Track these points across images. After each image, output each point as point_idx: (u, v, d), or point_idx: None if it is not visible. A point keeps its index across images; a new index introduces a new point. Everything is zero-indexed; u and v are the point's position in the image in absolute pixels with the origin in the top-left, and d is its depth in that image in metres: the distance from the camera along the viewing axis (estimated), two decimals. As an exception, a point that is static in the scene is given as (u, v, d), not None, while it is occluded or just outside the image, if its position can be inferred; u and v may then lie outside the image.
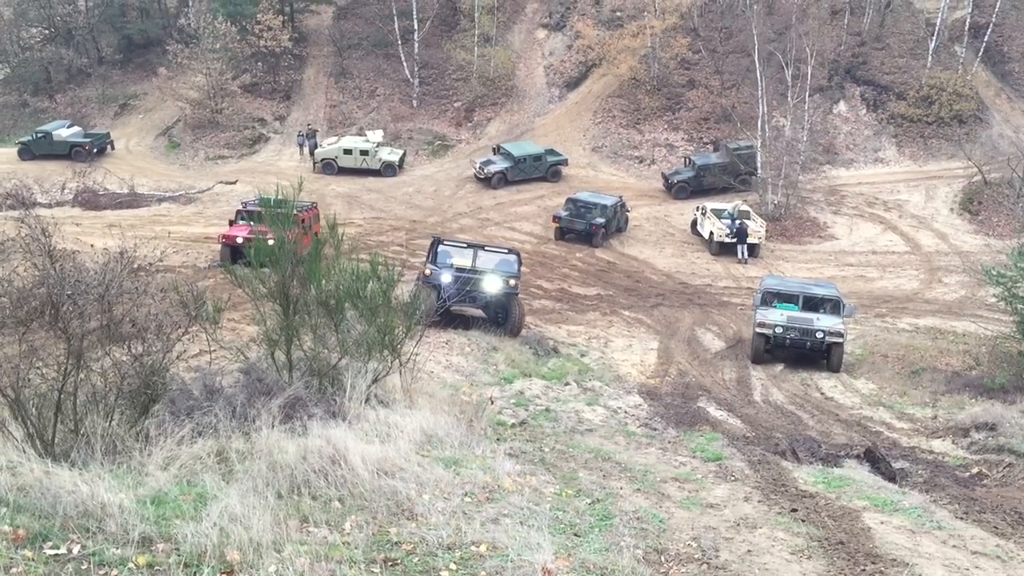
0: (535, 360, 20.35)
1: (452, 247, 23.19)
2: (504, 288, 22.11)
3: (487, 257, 22.92)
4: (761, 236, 35.70)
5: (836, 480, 8.97)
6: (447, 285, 21.36)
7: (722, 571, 6.03)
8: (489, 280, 21.94)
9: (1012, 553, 6.58)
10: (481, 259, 22.72)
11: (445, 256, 22.78)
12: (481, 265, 22.43)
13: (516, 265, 23.00)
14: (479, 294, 21.97)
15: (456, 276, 21.70)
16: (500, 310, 22.32)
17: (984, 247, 35.87)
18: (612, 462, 9.49)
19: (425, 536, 6.09)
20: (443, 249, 22.96)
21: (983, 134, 43.54)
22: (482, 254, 22.93)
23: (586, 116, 47.62)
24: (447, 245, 23.20)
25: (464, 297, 21.47)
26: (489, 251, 23.32)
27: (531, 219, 38.00)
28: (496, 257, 23.05)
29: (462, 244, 23.71)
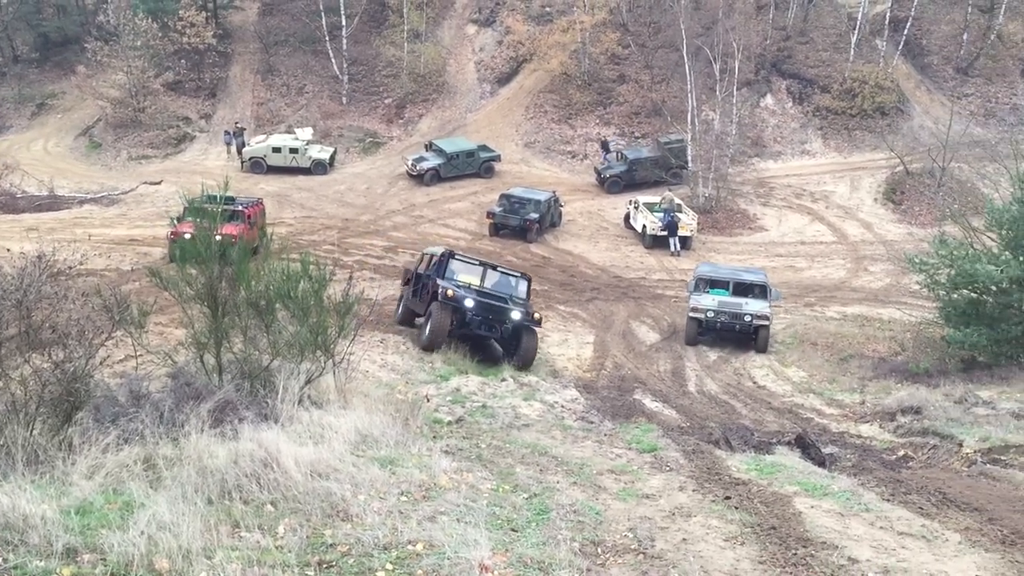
0: (471, 357, 20.28)
1: (462, 263, 21.39)
2: (526, 319, 20.33)
3: (496, 278, 21.41)
4: (693, 229, 36.20)
5: (768, 467, 9.12)
6: (471, 309, 19.85)
7: (658, 560, 6.07)
8: (514, 311, 20.23)
9: (937, 532, 6.76)
10: (490, 279, 21.22)
11: (452, 272, 20.89)
12: (489, 286, 20.95)
13: (526, 290, 21.59)
14: (501, 322, 20.25)
15: (479, 301, 19.97)
16: (513, 339, 20.44)
17: (907, 235, 36.89)
18: (549, 456, 9.49)
19: (361, 537, 6.02)
20: (455, 263, 21.13)
21: (904, 125, 44.77)
22: (491, 274, 21.41)
23: (518, 112, 47.69)
24: (459, 260, 21.38)
25: (483, 323, 20.09)
26: (500, 272, 21.83)
27: (465, 215, 37.93)
28: (505, 279, 21.58)
29: (473, 261, 21.95)
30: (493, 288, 20.92)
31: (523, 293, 21.37)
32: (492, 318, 20.05)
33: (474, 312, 19.86)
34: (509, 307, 20.17)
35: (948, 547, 6.44)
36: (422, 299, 21.09)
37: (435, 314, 19.44)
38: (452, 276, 20.72)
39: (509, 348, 20.52)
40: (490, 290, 20.76)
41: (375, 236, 34.58)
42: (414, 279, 22.18)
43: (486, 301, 20.08)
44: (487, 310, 20.04)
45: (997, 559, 6.13)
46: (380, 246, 33.27)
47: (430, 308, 19.79)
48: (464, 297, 19.79)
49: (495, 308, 20.14)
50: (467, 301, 19.76)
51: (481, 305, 19.96)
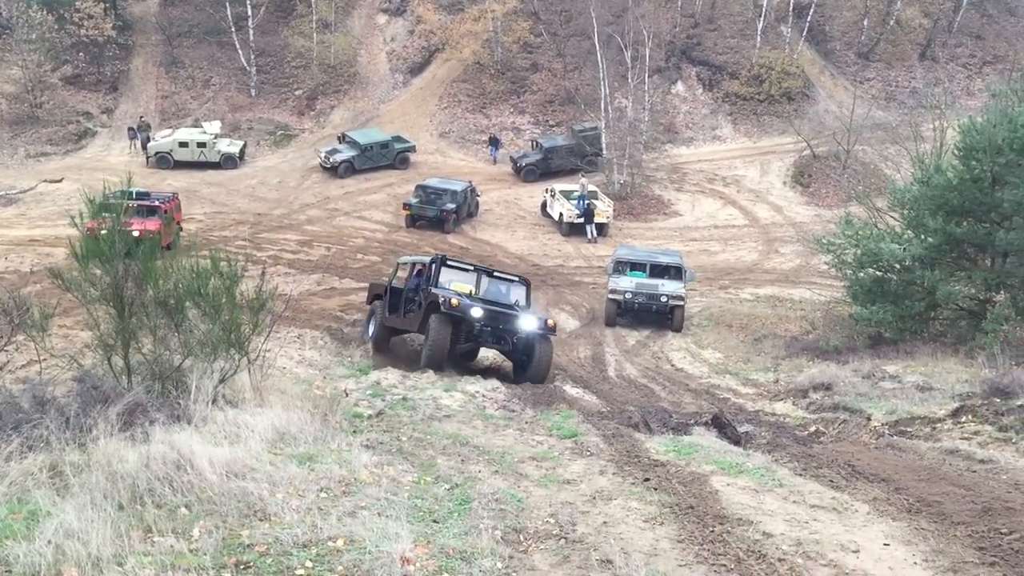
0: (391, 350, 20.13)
1: (454, 269, 18.99)
2: (541, 328, 17.91)
3: (493, 284, 19.15)
4: (609, 216, 36.59)
5: (686, 447, 9.27)
6: (479, 319, 17.32)
7: (579, 544, 6.11)
8: (526, 319, 17.84)
9: (847, 504, 6.97)
10: (486, 286, 18.92)
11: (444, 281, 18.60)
12: (486, 293, 18.62)
13: (526, 295, 19.34)
14: (511, 334, 17.85)
15: (487, 310, 17.46)
16: (525, 352, 17.98)
17: (815, 217, 37.98)
18: (470, 446, 9.48)
19: (279, 536, 5.91)
20: (446, 270, 18.77)
21: (810, 110, 46.03)
22: (487, 280, 19.10)
23: (432, 102, 47.45)
24: (451, 266, 18.98)
25: (492, 335, 17.77)
26: (497, 277, 19.55)
27: (381, 207, 37.62)
28: (503, 284, 19.37)
29: (467, 266, 19.51)
30: (491, 295, 18.67)
31: (524, 299, 19.20)
32: (502, 328, 17.68)
33: (483, 323, 17.41)
34: (520, 315, 17.88)
35: (857, 517, 6.65)
36: (409, 314, 18.87)
37: (435, 329, 16.91)
38: (444, 285, 18.40)
39: (519, 362, 18.12)
40: (491, 298, 18.44)
41: (289, 230, 34.04)
42: (389, 293, 19.96)
43: (494, 309, 17.67)
44: (496, 319, 17.60)
45: (903, 527, 6.35)
46: (295, 240, 32.77)
47: (428, 323, 17.24)
48: (470, 306, 17.19)
49: (505, 317, 17.74)
50: (474, 310, 17.18)
51: (490, 314, 17.46)
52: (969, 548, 5.79)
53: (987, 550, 5.71)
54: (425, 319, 17.56)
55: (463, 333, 17.44)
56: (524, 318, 17.74)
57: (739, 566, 5.61)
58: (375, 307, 20.56)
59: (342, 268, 30.07)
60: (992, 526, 6.04)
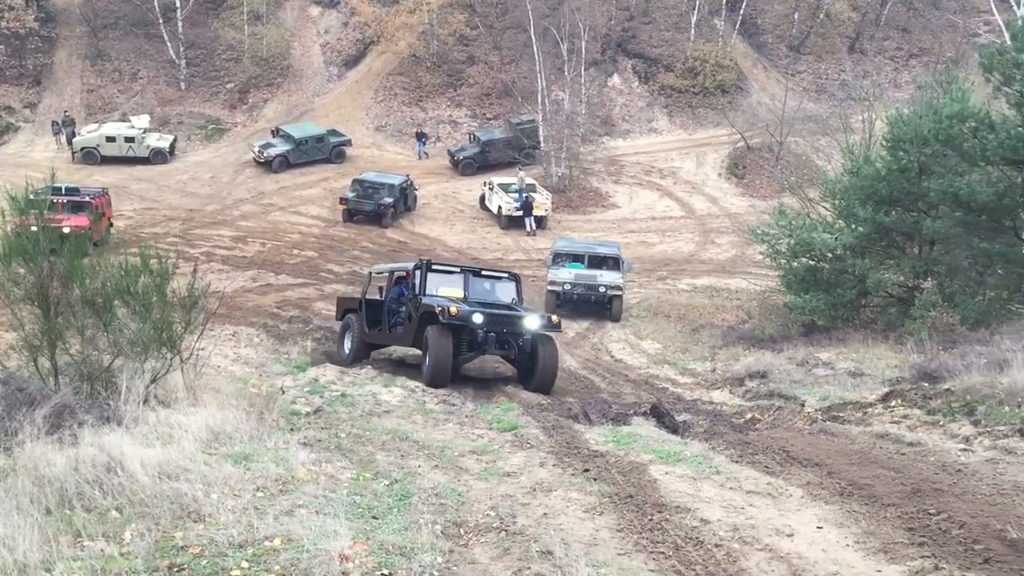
0: (332, 347, 19.93)
1: (440, 272, 17.69)
2: (547, 326, 16.44)
3: (481, 284, 17.94)
4: (547, 208, 36.69)
5: (625, 438, 9.34)
6: (481, 326, 15.89)
7: (519, 536, 6.12)
8: (529, 318, 16.35)
9: (782, 489, 7.10)
10: (475, 287, 17.61)
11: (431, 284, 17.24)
12: (475, 294, 17.29)
13: (516, 292, 18.02)
14: (516, 337, 16.42)
15: (488, 315, 15.98)
16: (529, 356, 16.61)
17: (750, 208, 38.56)
18: (410, 441, 9.43)
19: (214, 537, 5.80)
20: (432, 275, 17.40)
21: (744, 102, 46.68)
22: (475, 281, 17.82)
23: (367, 95, 47.03)
24: (436, 271, 17.62)
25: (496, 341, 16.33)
26: (485, 276, 18.35)
27: (317, 202, 37.19)
28: (492, 284, 18.17)
29: (453, 268, 18.32)
30: (482, 296, 17.41)
31: (517, 296, 17.95)
32: (506, 332, 16.27)
33: (486, 329, 16.01)
34: (522, 315, 16.45)
35: (792, 502, 6.77)
36: (396, 328, 17.61)
37: (434, 341, 15.42)
38: (432, 291, 17.00)
39: (524, 367, 16.74)
40: (482, 300, 17.18)
41: (222, 226, 33.44)
42: (365, 306, 18.62)
43: (495, 312, 16.31)
44: (499, 324, 16.19)
45: (836, 510, 6.49)
46: (228, 236, 32.22)
47: (425, 336, 15.83)
48: (471, 313, 15.74)
49: (508, 320, 16.31)
50: (475, 317, 15.74)
51: (492, 319, 16.05)
52: (899, 529, 5.93)
53: (916, 530, 5.85)
54: (420, 332, 16.19)
55: (465, 343, 16.14)
56: (528, 317, 16.33)
57: (677, 553, 5.67)
58: (349, 322, 18.93)
59: (278, 264, 29.66)
60: (920, 507, 6.20)
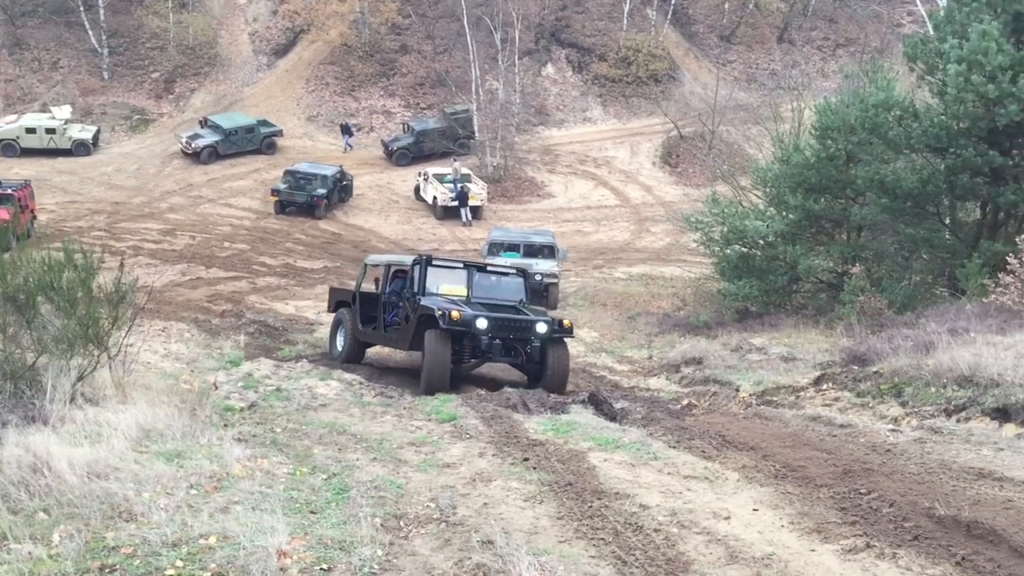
0: (267, 341, 19.64)
1: (442, 268, 16.28)
2: (557, 331, 15.19)
3: (487, 280, 16.56)
4: (483, 198, 36.66)
5: (564, 426, 9.38)
6: (485, 331, 14.50)
7: (460, 527, 6.09)
8: (540, 324, 15.09)
9: (718, 473, 7.20)
10: (479, 284, 16.23)
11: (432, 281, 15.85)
12: (479, 293, 15.98)
13: (523, 290, 16.73)
14: (524, 344, 15.00)
15: (493, 319, 14.64)
16: (538, 362, 15.30)
17: (683, 196, 39.04)
18: (348, 434, 9.33)
19: (147, 536, 5.65)
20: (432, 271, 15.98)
21: (676, 92, 47.19)
22: (480, 277, 16.42)
23: (298, 84, 46.37)
24: (437, 267, 16.17)
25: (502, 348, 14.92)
26: (490, 272, 16.95)
27: (248, 194, 36.60)
28: (498, 280, 16.78)
29: (456, 264, 16.96)
30: (487, 294, 16.06)
31: (525, 295, 16.65)
32: (514, 338, 14.94)
33: (490, 335, 14.64)
34: (531, 319, 15.18)
35: (728, 485, 6.87)
36: (392, 328, 16.41)
37: (433, 349, 14.22)
38: (433, 290, 15.66)
39: (533, 373, 15.43)
40: (487, 299, 15.87)
41: (150, 219, 32.72)
42: (359, 301, 17.34)
43: (502, 317, 14.91)
44: (506, 329, 14.80)
45: (771, 492, 6.61)
46: (156, 230, 31.54)
47: (423, 341, 14.61)
48: (474, 317, 14.45)
49: (516, 324, 14.96)
50: (479, 321, 14.42)
51: (497, 323, 14.67)
52: (831, 509, 6.06)
53: (848, 510, 5.99)
54: (417, 336, 14.94)
55: (467, 349, 14.82)
56: (538, 323, 15.04)
57: (617, 539, 5.70)
58: (341, 317, 17.67)
59: (208, 257, 29.14)
60: (852, 487, 6.35)
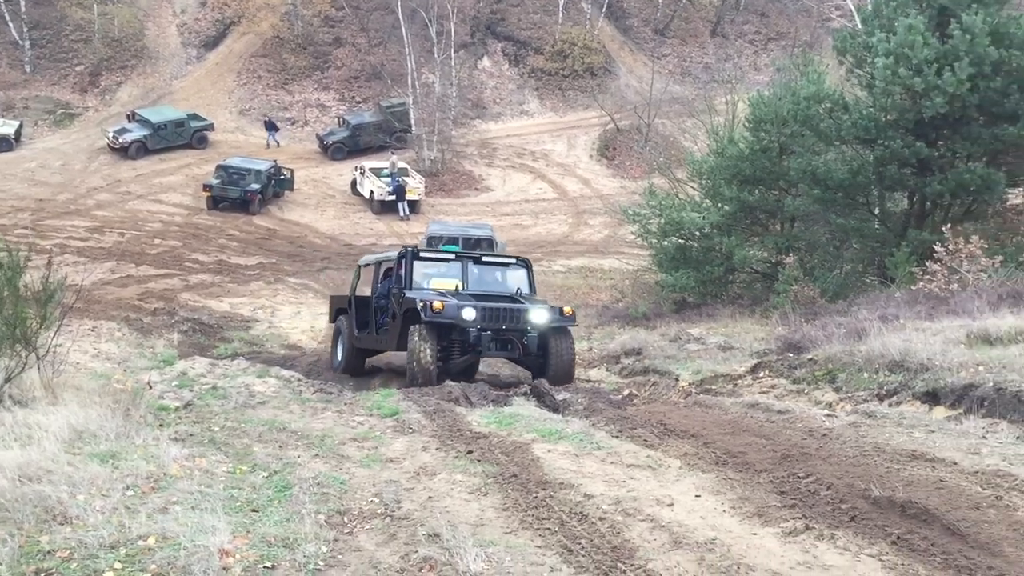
0: (201, 339, 19.29)
1: (432, 261, 15.13)
2: (557, 319, 14.04)
3: (485, 273, 15.15)
4: (420, 192, 36.50)
5: (507, 418, 9.38)
6: (473, 322, 13.33)
7: (405, 521, 6.06)
8: (536, 311, 13.85)
9: (661, 461, 7.28)
10: (476, 276, 14.88)
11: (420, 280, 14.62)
12: (475, 286, 14.68)
13: (527, 280, 15.25)
14: (520, 335, 13.77)
15: (484, 309, 13.51)
16: (540, 350, 14.03)
17: (621, 189, 39.38)
18: (288, 432, 9.20)
19: (83, 539, 5.50)
20: (420, 264, 14.80)
21: (612, 85, 47.56)
22: (476, 269, 15.02)
23: (229, 77, 45.57)
24: (426, 259, 15.06)
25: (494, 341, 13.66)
26: (488, 262, 15.56)
27: (179, 189, 35.89)
28: (497, 272, 15.37)
29: (447, 255, 15.58)
30: (483, 287, 14.82)
31: (527, 285, 15.21)
32: (507, 329, 13.70)
33: (480, 327, 13.42)
34: (525, 307, 13.94)
35: (670, 473, 6.95)
36: (382, 329, 15.20)
37: (417, 344, 13.07)
38: (421, 284, 14.54)
39: (534, 365, 14.27)
40: (484, 292, 14.62)
41: (76, 216, 31.87)
42: (354, 306, 16.37)
43: (492, 306, 13.71)
44: (497, 319, 13.62)
45: (712, 478, 6.70)
46: (84, 227, 30.74)
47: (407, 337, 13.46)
48: (459, 308, 13.33)
49: (508, 313, 13.74)
50: (466, 312, 13.28)
51: (487, 314, 13.51)
52: (771, 493, 6.18)
53: (787, 493, 6.11)
54: (404, 334, 13.72)
55: (456, 344, 13.66)
56: (534, 311, 13.84)
57: (563, 528, 5.72)
58: (340, 325, 16.73)
59: (138, 255, 28.52)
60: (791, 471, 6.47)
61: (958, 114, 18.30)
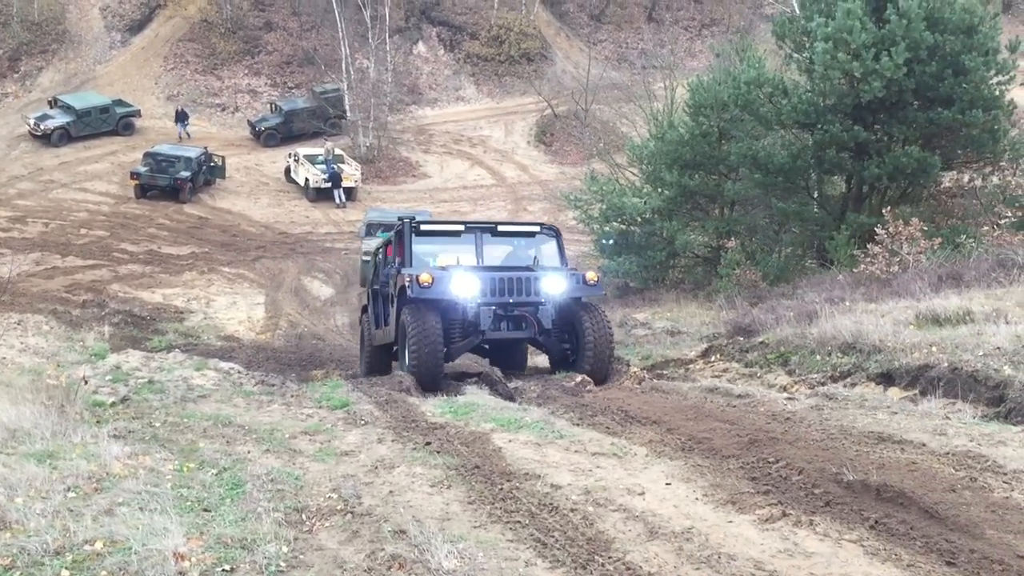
0: (134, 331, 18.67)
1: (435, 235, 12.86)
2: (579, 288, 12.11)
3: (504, 244, 13.00)
4: (357, 179, 35.94)
5: (462, 408, 9.16)
6: (473, 298, 11.52)
7: (367, 517, 5.81)
8: (551, 280, 11.84)
9: (626, 448, 7.13)
10: (493, 250, 12.72)
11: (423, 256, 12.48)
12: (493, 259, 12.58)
13: (557, 249, 12.96)
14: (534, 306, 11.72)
15: (489, 278, 11.67)
16: (564, 333, 12.09)
17: (560, 175, 39.27)
18: (234, 426, 8.85)
19: (25, 545, 5.15)
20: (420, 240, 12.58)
21: (548, 70, 47.42)
22: (492, 240, 12.74)
23: (156, 62, 44.25)
24: (428, 232, 12.81)
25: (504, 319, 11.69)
26: (505, 233, 13.13)
27: (105, 178, 34.77)
28: (518, 242, 12.98)
29: (455, 226, 13.29)
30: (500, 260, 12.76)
31: (557, 255, 12.85)
32: (514, 304, 11.64)
33: (483, 301, 11.52)
34: (537, 275, 11.88)
35: (637, 460, 6.81)
36: (389, 319, 13.07)
37: (412, 326, 11.08)
38: (425, 261, 12.42)
39: (555, 348, 12.25)
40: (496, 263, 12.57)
41: (-3, 206, 30.68)
42: (371, 298, 14.68)
43: (495, 276, 11.72)
44: (503, 290, 11.63)
45: (681, 465, 6.57)
46: (5, 217, 29.61)
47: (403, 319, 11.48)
48: (454, 278, 11.50)
49: (515, 284, 11.69)
50: (459, 283, 11.47)
51: (494, 284, 11.62)
52: (743, 479, 6.05)
53: (759, 479, 5.99)
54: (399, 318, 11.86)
55: (457, 325, 11.68)
56: (548, 279, 11.81)
57: (533, 521, 5.54)
58: (363, 324, 15.17)
59: (64, 245, 27.55)
60: (759, 456, 6.36)
61: (895, 98, 18.57)
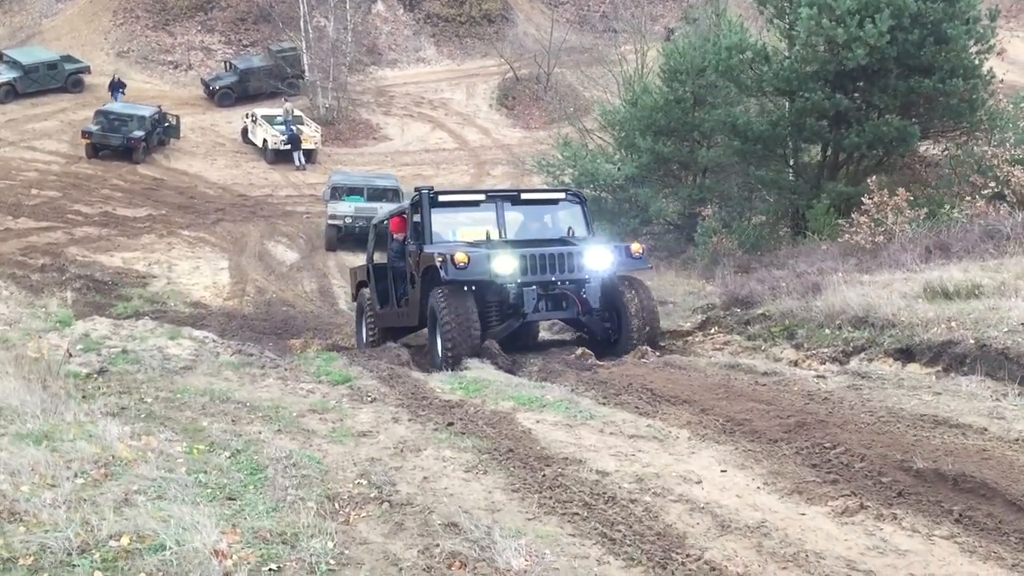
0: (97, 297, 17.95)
1: (454, 206, 12.11)
2: (625, 262, 11.20)
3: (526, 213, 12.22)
4: (317, 141, 35.13)
5: (472, 383, 8.78)
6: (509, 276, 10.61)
7: (408, 507, 5.41)
8: (593, 254, 10.95)
9: (664, 431, 6.78)
10: (515, 219, 12.02)
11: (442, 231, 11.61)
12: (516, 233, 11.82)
13: (584, 219, 12.16)
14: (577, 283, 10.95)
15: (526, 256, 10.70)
16: (606, 311, 11.19)
17: (523, 139, 38.79)
18: (233, 402, 8.38)
19: (45, 541, 4.65)
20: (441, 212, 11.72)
21: (510, 33, 46.73)
22: (514, 209, 12.05)
23: (105, 17, 42.65)
24: (446, 204, 11.93)
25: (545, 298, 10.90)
26: (528, 201, 12.46)
27: (55, 136, 33.51)
28: (543, 211, 12.37)
29: (475, 195, 12.66)
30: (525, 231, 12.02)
31: (583, 224, 12.08)
32: (556, 282, 10.83)
33: (522, 281, 10.68)
34: (580, 250, 11.01)
35: (681, 444, 6.48)
36: (405, 298, 12.37)
37: (445, 310, 10.35)
38: (444, 237, 11.54)
39: (598, 328, 11.36)
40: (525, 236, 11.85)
41: (-60, 167, 29.38)
42: (373, 275, 13.68)
43: (535, 252, 10.81)
44: (544, 268, 10.75)
45: (730, 450, 6.25)
46: (-49, 178, 28.34)
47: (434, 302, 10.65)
48: (492, 257, 10.57)
49: (558, 260, 10.80)
50: (499, 262, 10.55)
51: (530, 262, 10.69)
52: (803, 467, 5.74)
53: (820, 467, 5.68)
54: (424, 300, 11.11)
55: (493, 307, 10.98)
56: (591, 253, 10.96)
57: (592, 512, 5.21)
58: (362, 302, 14.24)
59: (15, 206, 26.48)
60: (814, 441, 6.05)
61: (876, 66, 18.46)
